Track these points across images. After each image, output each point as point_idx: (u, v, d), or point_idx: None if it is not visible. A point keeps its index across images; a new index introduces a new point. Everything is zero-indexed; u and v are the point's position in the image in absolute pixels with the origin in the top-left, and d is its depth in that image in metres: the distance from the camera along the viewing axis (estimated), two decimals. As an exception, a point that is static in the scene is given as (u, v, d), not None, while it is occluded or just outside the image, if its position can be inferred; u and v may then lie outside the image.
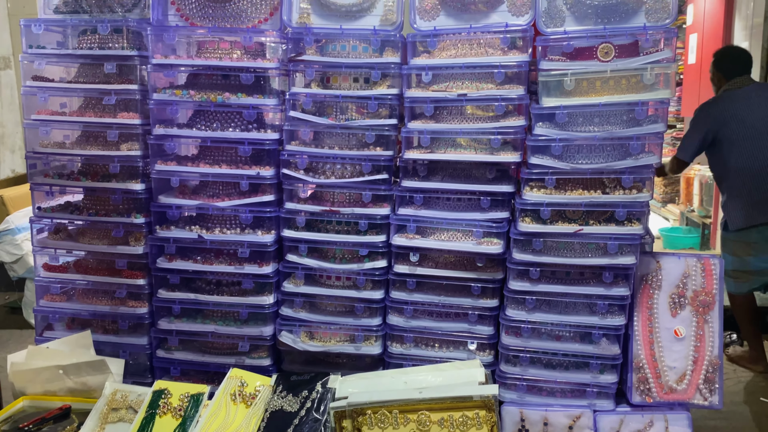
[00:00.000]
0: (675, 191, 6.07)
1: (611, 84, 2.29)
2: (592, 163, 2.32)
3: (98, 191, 2.64)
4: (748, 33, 5.06)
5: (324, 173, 2.55)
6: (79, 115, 2.60)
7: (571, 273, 2.44)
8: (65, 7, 2.62)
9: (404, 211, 2.51)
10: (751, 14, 5.02)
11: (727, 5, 5.32)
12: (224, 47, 2.50)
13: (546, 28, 2.33)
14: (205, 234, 2.57)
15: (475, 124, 2.42)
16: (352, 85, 2.50)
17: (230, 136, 2.51)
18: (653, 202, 6.43)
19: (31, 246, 2.65)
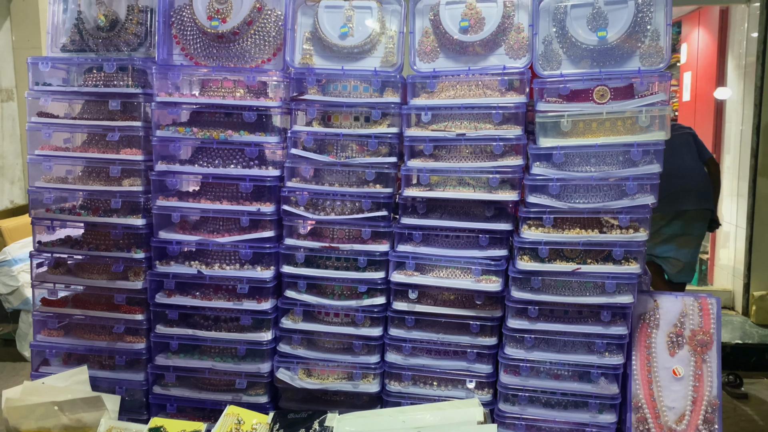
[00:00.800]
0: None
1: (607, 125, 2.34)
2: (589, 202, 2.36)
3: (99, 226, 2.66)
4: (741, 72, 5.18)
5: (324, 210, 2.59)
6: (82, 150, 2.65)
7: (570, 311, 2.46)
8: (72, 45, 2.69)
9: (403, 248, 2.54)
10: (743, 53, 5.15)
11: (720, 44, 5.46)
12: (228, 86, 2.56)
13: (543, 71, 2.40)
14: (204, 269, 2.59)
15: (474, 163, 2.46)
16: (353, 124, 2.56)
17: (232, 172, 2.55)
18: (650, 237, 6.48)
19: (30, 279, 2.67)
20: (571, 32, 2.36)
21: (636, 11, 2.32)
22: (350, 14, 2.52)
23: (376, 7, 2.52)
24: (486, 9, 2.45)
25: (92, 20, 2.64)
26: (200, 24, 2.52)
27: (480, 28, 2.44)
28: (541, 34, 2.41)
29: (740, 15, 5.25)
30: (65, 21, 2.71)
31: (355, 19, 2.52)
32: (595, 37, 2.34)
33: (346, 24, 2.51)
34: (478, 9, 2.44)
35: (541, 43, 2.41)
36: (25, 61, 2.62)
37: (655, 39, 2.33)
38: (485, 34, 2.43)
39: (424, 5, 2.53)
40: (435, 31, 2.51)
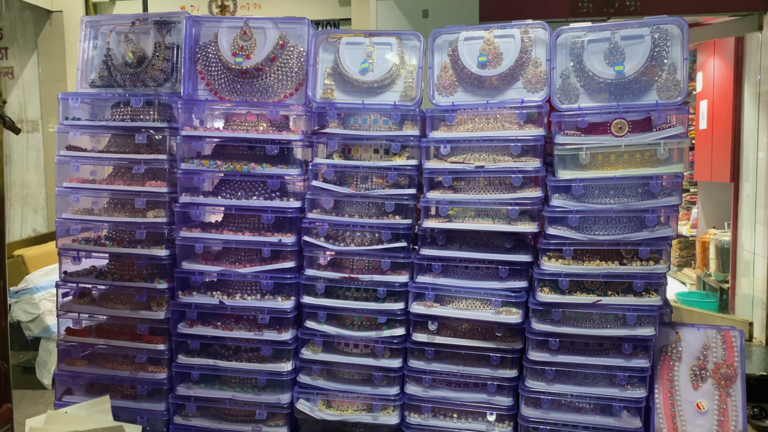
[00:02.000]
0: (691, 255, 6.08)
1: (626, 158, 2.37)
2: (608, 234, 2.37)
3: (123, 257, 2.72)
4: (757, 101, 5.19)
5: (344, 241, 2.62)
6: (108, 183, 2.72)
7: (591, 344, 2.46)
8: (100, 81, 2.79)
9: (423, 279, 2.56)
10: (759, 81, 5.17)
11: (736, 73, 5.48)
12: (251, 120, 2.63)
13: (560, 104, 2.44)
14: (226, 300, 2.63)
15: (493, 194, 2.49)
16: (373, 156, 2.61)
17: (254, 204, 2.60)
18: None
19: (50, 307, 2.72)
20: (588, 66, 2.40)
21: (653, 45, 2.36)
22: (370, 50, 2.59)
23: (396, 43, 2.59)
24: (504, 44, 2.50)
25: (120, 57, 2.74)
26: (225, 60, 2.60)
27: (498, 63, 2.49)
28: (559, 68, 2.46)
29: (755, 44, 5.28)
30: (94, 58, 2.81)
31: (376, 55, 2.59)
32: (612, 71, 2.38)
33: (367, 59, 2.58)
34: (496, 44, 2.50)
35: (559, 77, 2.46)
36: (51, 94, 2.72)
37: (672, 72, 2.37)
38: (503, 68, 2.48)
39: (442, 41, 2.60)
40: (453, 66, 2.57)
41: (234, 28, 2.61)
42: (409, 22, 6.08)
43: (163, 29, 2.73)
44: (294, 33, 2.63)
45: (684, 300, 5.42)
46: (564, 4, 6.20)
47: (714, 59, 5.87)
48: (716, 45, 5.85)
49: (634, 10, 6.15)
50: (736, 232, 5.26)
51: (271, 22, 2.60)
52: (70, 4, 6.23)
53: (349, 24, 6.17)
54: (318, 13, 6.29)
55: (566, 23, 6.66)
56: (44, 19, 6.24)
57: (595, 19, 6.32)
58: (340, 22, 6.36)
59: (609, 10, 6.23)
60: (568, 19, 6.37)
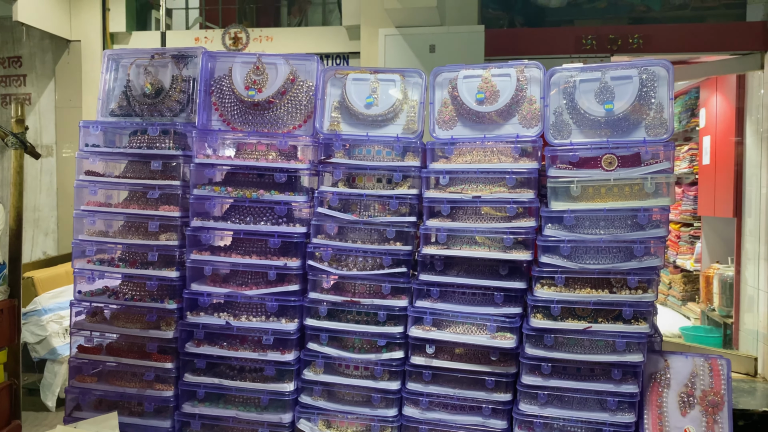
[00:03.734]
0: (695, 289, 6.19)
1: (615, 191, 2.54)
2: (599, 263, 2.53)
3: (135, 277, 2.90)
4: (759, 137, 5.37)
5: (347, 265, 2.79)
6: (124, 206, 2.91)
7: (582, 369, 2.59)
8: (120, 110, 3.00)
9: (421, 303, 2.72)
10: (761, 118, 5.35)
11: (738, 110, 5.67)
12: (261, 149, 2.82)
13: (554, 140, 2.62)
14: (232, 321, 2.79)
15: (489, 223, 2.66)
16: (376, 185, 2.79)
17: (262, 229, 2.78)
18: (674, 301, 6.53)
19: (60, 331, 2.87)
20: (580, 104, 2.60)
21: (640, 86, 2.55)
22: (375, 86, 2.79)
23: (400, 79, 2.80)
24: (500, 82, 2.70)
25: (140, 88, 2.96)
26: (238, 93, 2.81)
27: (495, 100, 2.69)
28: (552, 106, 2.65)
29: (756, 81, 5.48)
30: (115, 88, 3.04)
31: (380, 90, 2.80)
32: (602, 109, 2.56)
33: (372, 95, 2.78)
34: (493, 82, 2.70)
35: (552, 113, 2.65)
36: (66, 120, 2.93)
37: (660, 111, 2.55)
38: (500, 105, 2.68)
39: (443, 78, 2.80)
40: (453, 102, 2.77)
41: (247, 63, 2.83)
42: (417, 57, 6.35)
43: (181, 63, 2.95)
44: (304, 69, 2.84)
45: (688, 335, 5.52)
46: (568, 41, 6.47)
47: (716, 96, 6.07)
48: (719, 82, 6.06)
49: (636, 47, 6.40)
50: (740, 267, 5.38)
51: (282, 58, 2.82)
52: (88, 35, 6.57)
53: (358, 57, 6.44)
54: (328, 46, 6.57)
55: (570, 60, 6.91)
56: (63, 48, 6.58)
57: (599, 56, 6.56)
58: (349, 55, 6.64)
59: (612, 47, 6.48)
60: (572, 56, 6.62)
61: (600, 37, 6.54)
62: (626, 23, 6.57)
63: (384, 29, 6.32)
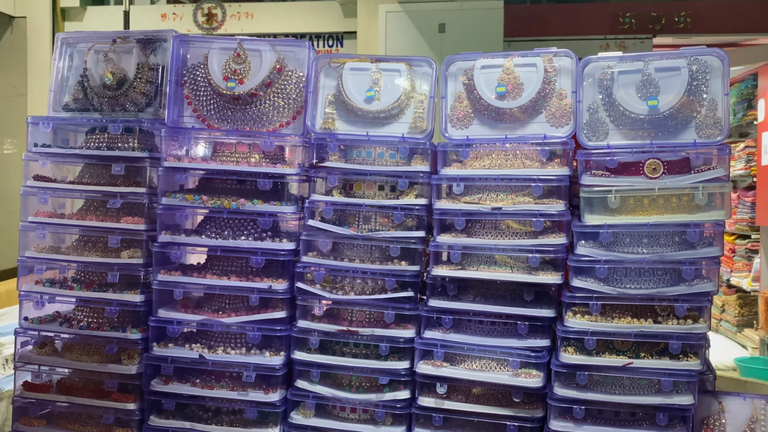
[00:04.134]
0: (752, 313, 6.20)
1: (660, 202, 2.55)
2: (641, 288, 2.53)
3: (92, 302, 2.90)
4: (827, 134, 5.39)
5: (342, 288, 2.79)
6: (79, 218, 2.92)
7: (621, 413, 2.59)
8: (75, 104, 3.01)
9: (431, 334, 2.72)
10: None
11: (802, 103, 5.69)
12: (242, 150, 2.83)
13: (588, 141, 2.63)
14: (206, 353, 2.79)
15: (511, 240, 2.67)
16: (377, 194, 2.80)
17: (243, 245, 2.79)
18: (728, 327, 6.54)
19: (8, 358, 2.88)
20: (618, 100, 2.61)
21: (690, 79, 2.56)
22: (377, 77, 2.81)
23: (405, 69, 2.81)
24: (525, 73, 2.72)
25: (99, 78, 2.97)
26: (215, 85, 2.82)
27: (518, 94, 2.70)
28: (586, 102, 2.66)
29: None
30: (69, 78, 3.04)
31: (383, 82, 2.81)
32: (645, 105, 2.58)
33: (373, 87, 2.80)
34: (516, 74, 2.71)
35: (586, 110, 2.66)
36: (9, 110, 2.93)
37: (713, 109, 2.56)
38: (524, 100, 2.69)
39: (457, 68, 2.82)
40: (469, 96, 2.78)
41: (227, 49, 2.85)
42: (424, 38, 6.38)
43: (147, 48, 2.96)
44: (293, 56, 2.85)
45: (745, 367, 5.51)
46: (602, 20, 6.51)
47: (777, 85, 6.10)
48: (779, 69, 6.09)
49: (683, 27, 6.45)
50: (805, 287, 5.39)
51: (267, 43, 2.84)
52: (35, 10, 6.60)
53: (354, 38, 6.47)
54: (319, 25, 6.59)
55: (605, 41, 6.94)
56: (5, 25, 6.60)
57: (638, 37, 6.60)
58: (344, 35, 6.65)
59: (654, 26, 6.53)
60: (607, 37, 6.66)
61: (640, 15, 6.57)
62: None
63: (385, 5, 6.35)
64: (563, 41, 6.53)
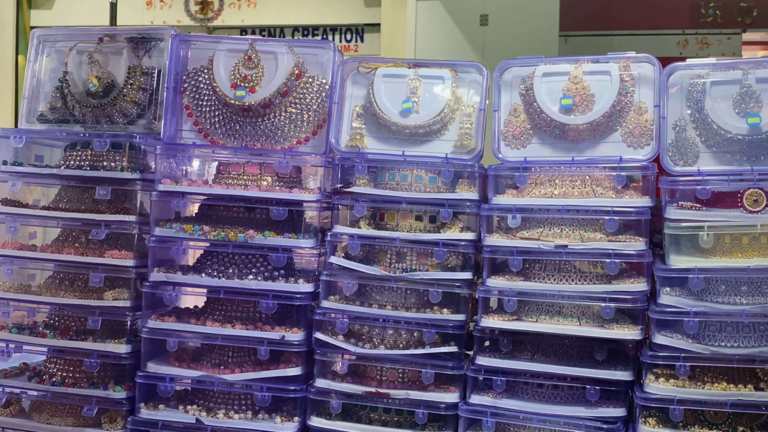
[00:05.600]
0: None
1: (763, 241, 2.55)
2: (740, 347, 2.52)
3: (68, 352, 2.93)
4: None
5: (370, 340, 2.80)
6: (54, 251, 2.96)
7: (714, 501, 2.57)
8: (52, 114, 3.07)
9: (479, 399, 2.72)
10: None
11: None
12: (252, 172, 2.87)
13: (674, 166, 2.64)
14: (205, 417, 2.81)
15: (579, 285, 2.67)
16: (414, 225, 2.82)
17: (250, 285, 2.81)
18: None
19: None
20: (711, 116, 2.62)
21: (799, 91, 2.57)
22: (415, 85, 2.84)
23: (450, 76, 2.84)
24: (596, 83, 2.74)
25: (81, 83, 3.03)
26: (221, 93, 2.86)
27: (588, 108, 2.72)
28: (672, 118, 2.67)
29: None
30: (46, 83, 3.11)
31: (422, 91, 2.84)
32: (744, 123, 2.58)
33: (410, 98, 2.82)
34: (586, 83, 2.73)
35: (672, 128, 2.67)
36: None
37: (827, 128, 2.56)
38: (595, 115, 2.71)
39: (513, 76, 2.84)
40: (527, 109, 2.81)
41: (235, 51, 2.88)
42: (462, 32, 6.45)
43: (140, 49, 3.02)
44: (314, 60, 2.88)
45: None
46: (680, 11, 6.56)
47: None
48: None
49: (780, 21, 6.46)
50: None
51: (284, 44, 2.87)
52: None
53: (377, 32, 6.53)
54: (333, 15, 6.66)
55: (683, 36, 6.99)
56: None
57: (724, 32, 6.64)
58: (364, 28, 6.73)
59: (744, 20, 6.57)
60: (686, 31, 6.70)
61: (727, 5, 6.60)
62: (764, -14, 6.64)
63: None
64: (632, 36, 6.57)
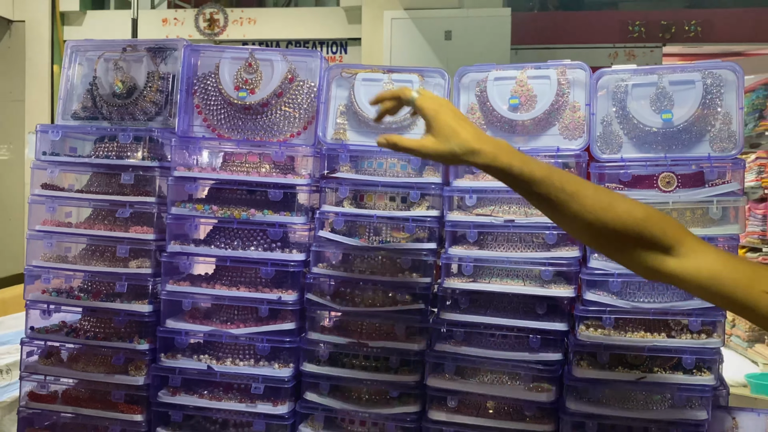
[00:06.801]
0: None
1: (674, 216, 2.61)
2: (655, 302, 2.59)
3: (99, 312, 2.96)
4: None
5: (353, 300, 2.85)
6: (87, 227, 2.98)
7: (634, 428, 2.65)
8: (83, 112, 3.08)
9: (442, 347, 2.77)
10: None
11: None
12: (252, 160, 2.90)
13: (601, 154, 2.70)
14: (215, 365, 2.85)
15: (524, 252, 2.73)
16: (388, 205, 2.86)
17: (253, 255, 2.85)
18: (738, 342, 6.60)
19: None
20: (632, 113, 2.68)
21: (704, 92, 2.63)
22: (389, 87, 2.87)
23: (418, 80, 2.88)
24: (538, 86, 2.79)
25: (108, 86, 3.04)
26: (226, 94, 2.89)
27: (531, 106, 2.78)
28: (600, 114, 2.73)
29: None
30: (78, 86, 3.11)
31: (395, 93, 2.87)
32: (659, 119, 2.65)
33: (385, 98, 2.86)
34: (530, 86, 2.78)
35: (600, 123, 2.73)
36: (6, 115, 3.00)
37: (727, 122, 2.63)
38: (537, 112, 2.76)
39: (470, 80, 2.89)
40: (482, 108, 2.86)
41: (238, 59, 2.92)
42: (429, 45, 6.47)
43: (158, 57, 3.03)
44: (305, 66, 2.92)
45: (756, 384, 5.56)
46: (611, 28, 6.61)
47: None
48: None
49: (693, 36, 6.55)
50: (817, 302, 5.44)
51: (279, 53, 2.91)
52: (34, 14, 6.68)
53: (358, 45, 6.56)
54: (323, 31, 6.69)
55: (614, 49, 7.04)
56: (3, 29, 6.67)
57: (648, 46, 6.71)
58: (348, 42, 6.76)
59: (665, 35, 6.64)
60: (616, 45, 6.77)
61: (650, 23, 6.68)
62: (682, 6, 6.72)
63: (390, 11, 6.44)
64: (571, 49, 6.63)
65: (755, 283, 1.86)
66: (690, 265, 1.89)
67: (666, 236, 1.86)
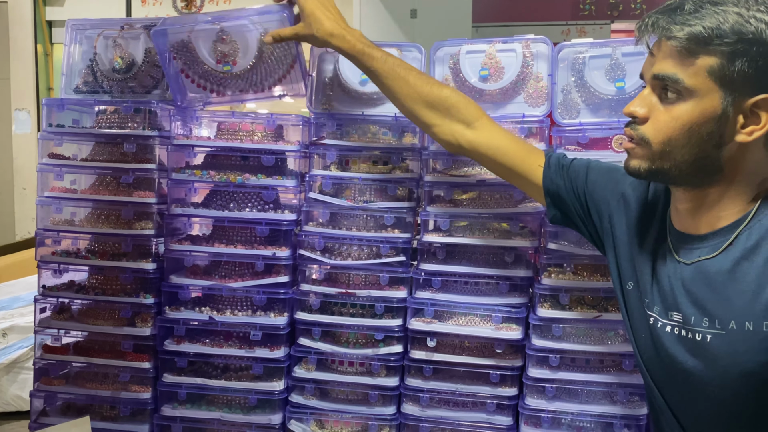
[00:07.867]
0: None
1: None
2: (609, 249, 2.78)
3: (106, 270, 3.05)
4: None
5: (340, 255, 3.00)
6: (92, 193, 3.05)
7: (591, 361, 2.86)
8: (85, 87, 3.14)
9: (422, 294, 2.94)
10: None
11: None
12: (245, 129, 3.00)
13: (562, 119, 2.86)
14: (216, 315, 2.98)
15: (494, 209, 2.90)
16: (371, 168, 3.00)
17: (248, 216, 2.96)
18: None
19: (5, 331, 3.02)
20: (589, 82, 2.84)
21: (652, 63, 2.80)
22: (370, 61, 2.98)
23: (397, 54, 2.99)
24: (505, 58, 2.93)
25: (107, 62, 3.09)
26: (209, 68, 2.92)
27: (499, 77, 2.92)
28: (560, 84, 2.89)
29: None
30: (78, 63, 3.16)
31: (375, 66, 2.99)
32: (613, 87, 2.82)
33: (367, 70, 2.98)
34: (498, 58, 2.92)
35: (560, 92, 2.89)
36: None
37: (671, 90, 2.81)
38: (504, 82, 2.91)
39: (444, 53, 3.01)
40: (455, 79, 2.99)
41: (208, 31, 2.88)
42: (396, 23, 6.56)
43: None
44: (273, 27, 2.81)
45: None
46: (565, 6, 6.78)
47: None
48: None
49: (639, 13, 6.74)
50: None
51: (247, 20, 2.88)
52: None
53: (330, 23, 6.61)
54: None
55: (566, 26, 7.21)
56: (-13, 9, 6.57)
57: (598, 23, 6.89)
58: (320, 20, 6.81)
59: (613, 13, 6.83)
60: (569, 23, 6.94)
61: (600, 2, 6.87)
62: (627, -13, 6.90)
63: (359, -9, 6.49)
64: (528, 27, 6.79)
65: (532, 158, 2.38)
66: (483, 136, 2.40)
67: (468, 111, 2.43)
